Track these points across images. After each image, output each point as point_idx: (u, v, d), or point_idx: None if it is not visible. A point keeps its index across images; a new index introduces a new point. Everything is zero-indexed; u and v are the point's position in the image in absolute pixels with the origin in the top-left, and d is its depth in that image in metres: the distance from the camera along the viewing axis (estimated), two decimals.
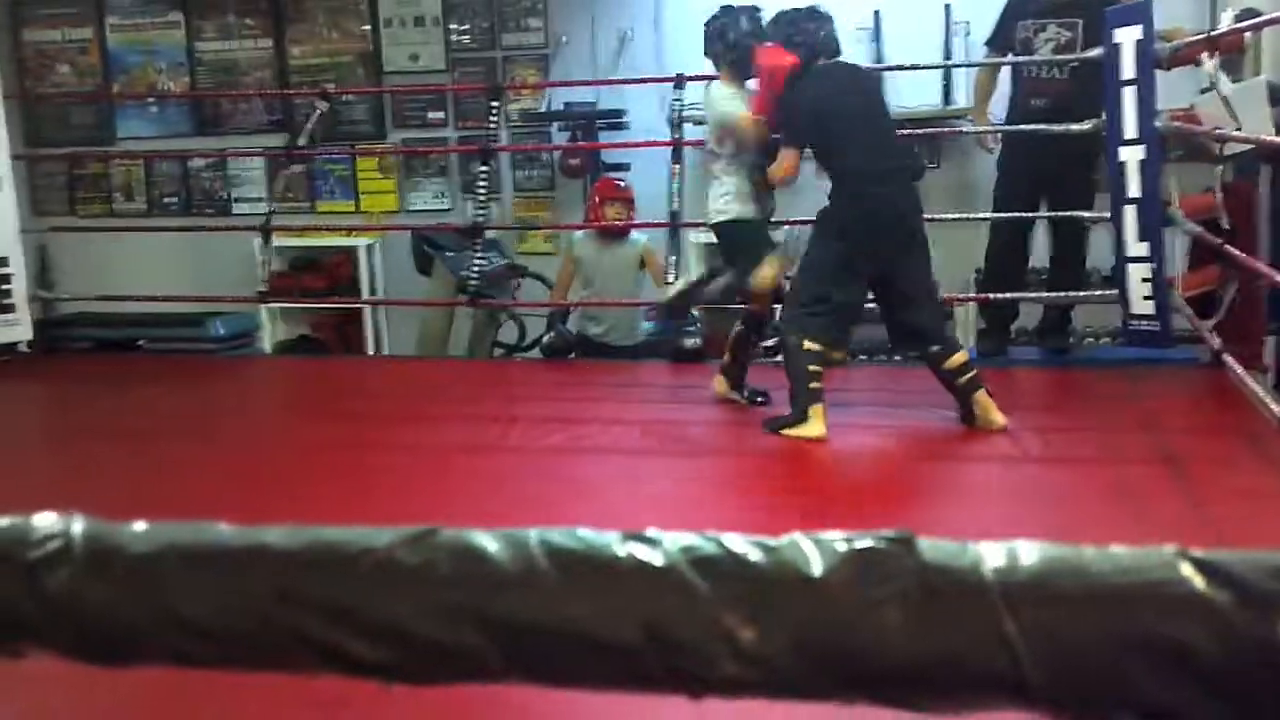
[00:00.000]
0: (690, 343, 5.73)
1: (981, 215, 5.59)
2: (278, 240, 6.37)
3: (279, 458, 4.30)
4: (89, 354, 6.40)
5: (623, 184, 6.03)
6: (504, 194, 7.03)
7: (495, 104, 5.83)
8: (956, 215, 5.69)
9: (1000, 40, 5.41)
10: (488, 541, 0.59)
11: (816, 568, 0.55)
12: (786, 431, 4.13)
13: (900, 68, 5.98)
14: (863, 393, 5.22)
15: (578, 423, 4.67)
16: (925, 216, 4.36)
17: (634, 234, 5.97)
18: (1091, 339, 5.94)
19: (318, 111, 6.03)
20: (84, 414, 5.20)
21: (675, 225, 5.65)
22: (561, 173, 6.95)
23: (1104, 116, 4.85)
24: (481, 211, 5.89)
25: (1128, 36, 4.73)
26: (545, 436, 4.46)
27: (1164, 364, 5.09)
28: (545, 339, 5.88)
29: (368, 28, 7.08)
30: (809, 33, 4.28)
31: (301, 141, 6.17)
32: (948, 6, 6.28)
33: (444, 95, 7.06)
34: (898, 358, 6.31)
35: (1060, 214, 5.27)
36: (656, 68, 6.44)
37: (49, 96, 7.34)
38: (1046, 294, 5.54)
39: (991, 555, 0.55)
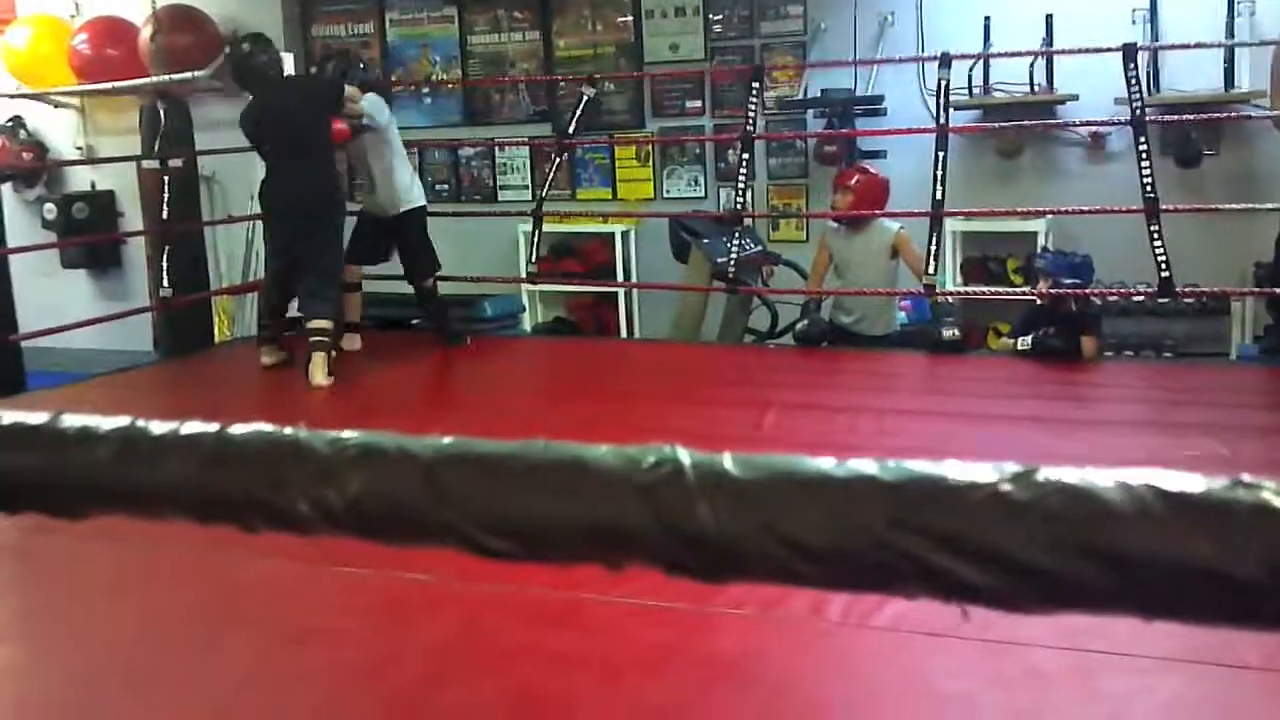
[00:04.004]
0: (949, 334, 5.63)
1: (1271, 205, 5.30)
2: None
3: (548, 432, 4.47)
4: (366, 331, 6.79)
5: (871, 170, 5.93)
6: (758, 181, 7.07)
7: (755, 85, 5.86)
8: (1241, 205, 5.41)
9: None
10: (1093, 480, 0.63)
11: None
12: None
13: (1177, 47, 5.73)
14: (1133, 389, 5.04)
15: (832, 410, 4.66)
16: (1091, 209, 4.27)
17: (886, 222, 5.87)
18: None
19: (584, 98, 6.21)
20: (365, 384, 5.54)
21: (935, 215, 5.55)
22: (817, 160, 6.94)
23: None
24: (740, 199, 5.95)
25: None
26: (801, 424, 4.48)
27: None
28: (799, 326, 5.91)
29: (629, 19, 7.25)
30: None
31: (571, 130, 6.37)
32: None
33: (702, 84, 7.15)
34: (1167, 355, 6.08)
35: None
36: (917, 53, 6.36)
37: None
38: None
39: None
